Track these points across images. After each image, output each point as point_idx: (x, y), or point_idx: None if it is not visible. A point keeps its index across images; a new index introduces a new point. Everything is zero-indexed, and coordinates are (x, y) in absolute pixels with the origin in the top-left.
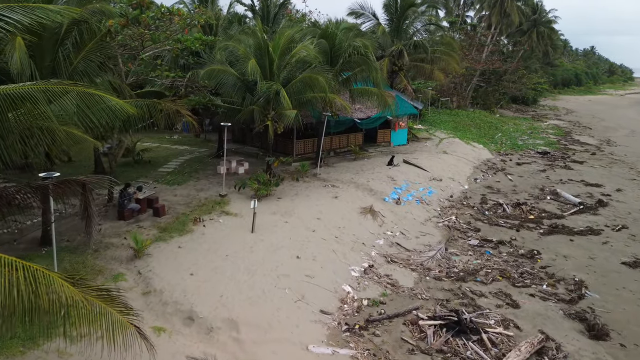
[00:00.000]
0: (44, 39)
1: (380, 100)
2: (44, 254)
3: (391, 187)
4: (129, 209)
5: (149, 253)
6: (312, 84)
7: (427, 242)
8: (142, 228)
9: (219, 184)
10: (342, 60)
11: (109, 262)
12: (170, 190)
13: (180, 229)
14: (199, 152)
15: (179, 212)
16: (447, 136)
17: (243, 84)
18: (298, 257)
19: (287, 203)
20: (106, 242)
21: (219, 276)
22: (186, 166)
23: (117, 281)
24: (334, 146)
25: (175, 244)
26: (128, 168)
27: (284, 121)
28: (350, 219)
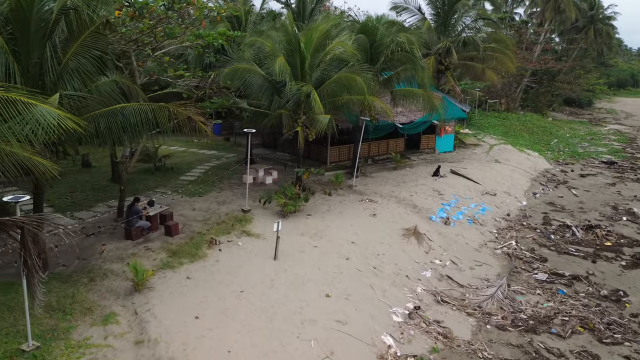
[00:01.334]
0: (31, 32)
1: (426, 102)
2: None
3: (438, 202)
4: (137, 227)
5: (152, 286)
6: (348, 85)
7: (484, 275)
8: (150, 250)
9: (242, 196)
10: (384, 58)
11: (103, 295)
12: (189, 203)
13: (193, 254)
14: (227, 158)
15: (194, 230)
16: (497, 142)
17: (271, 85)
18: (328, 296)
19: (317, 221)
20: (105, 268)
21: (230, 321)
22: (210, 174)
23: (108, 323)
24: (373, 153)
25: (184, 273)
26: (147, 176)
27: (316, 127)
28: (391, 243)
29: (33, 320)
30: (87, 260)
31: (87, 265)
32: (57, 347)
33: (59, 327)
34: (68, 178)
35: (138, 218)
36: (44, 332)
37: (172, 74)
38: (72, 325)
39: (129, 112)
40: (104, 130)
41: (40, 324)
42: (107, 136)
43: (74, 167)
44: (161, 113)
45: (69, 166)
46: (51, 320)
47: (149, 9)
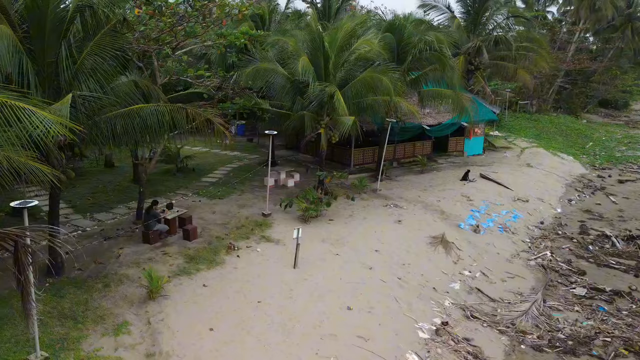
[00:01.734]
0: (47, 31)
1: (455, 103)
2: (48, 287)
3: (467, 208)
4: (155, 231)
5: (166, 294)
6: (374, 85)
7: (517, 289)
8: (167, 255)
9: (263, 199)
10: (411, 58)
11: (117, 303)
12: (209, 206)
13: (210, 259)
14: (249, 160)
15: (213, 235)
16: (529, 145)
17: (293, 86)
18: (349, 309)
19: (339, 227)
20: (121, 273)
21: (245, 335)
22: (232, 176)
23: (119, 334)
24: (398, 156)
25: (201, 280)
26: (169, 177)
27: (340, 129)
28: (417, 252)
29: (44, 329)
30: (104, 264)
31: (102, 270)
32: (66, 359)
33: (69, 337)
34: (90, 178)
35: (156, 221)
36: (53, 342)
37: (192, 74)
38: (82, 334)
39: (146, 114)
40: (121, 132)
41: (51, 333)
42: (123, 138)
43: (97, 167)
44: (179, 115)
45: (92, 166)
46: (62, 328)
47: (168, 6)
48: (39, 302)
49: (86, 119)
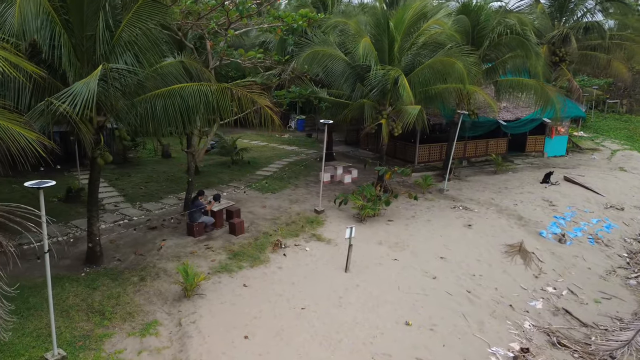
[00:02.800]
0: (85, 1)
1: (539, 95)
2: (84, 276)
3: (549, 215)
4: (200, 223)
5: (203, 292)
6: (444, 71)
7: (615, 312)
8: (210, 250)
9: (317, 196)
10: (488, 42)
11: (150, 299)
12: (260, 200)
13: (255, 257)
14: (307, 154)
15: (260, 230)
16: (620, 148)
17: (353, 72)
18: (408, 324)
19: (399, 229)
20: (159, 267)
21: (284, 346)
22: (287, 170)
23: (146, 334)
24: (469, 154)
25: (242, 279)
26: (223, 169)
27: (403, 120)
28: (490, 262)
29: (69, 323)
30: (144, 256)
31: (141, 262)
32: (84, 359)
33: (93, 334)
34: (146, 168)
35: (201, 213)
36: (75, 339)
37: (242, 53)
38: (107, 332)
39: (188, 94)
40: (161, 113)
41: (75, 328)
42: (163, 120)
43: (155, 157)
44: (224, 95)
45: (150, 156)
46: (88, 323)
47: None
48: (70, 293)
49: (121, 96)
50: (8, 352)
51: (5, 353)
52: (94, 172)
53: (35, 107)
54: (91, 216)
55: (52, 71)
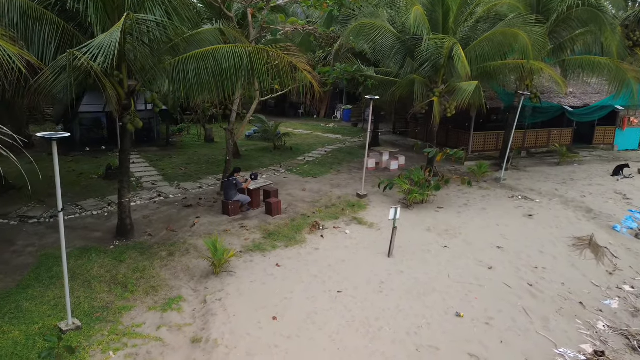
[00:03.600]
0: None
1: (614, 76)
2: (112, 249)
3: (623, 208)
4: (236, 202)
5: (232, 269)
6: (505, 43)
7: None
8: (244, 229)
9: (361, 181)
10: (556, 16)
11: (176, 274)
12: (300, 183)
13: (290, 237)
14: (351, 142)
15: (298, 212)
16: None
17: (403, 47)
18: (459, 316)
19: (450, 216)
20: (190, 243)
21: (316, 331)
22: (330, 156)
23: (168, 309)
24: (529, 144)
25: (275, 258)
26: (264, 154)
27: (458, 98)
28: (554, 254)
29: (89, 294)
30: (175, 232)
31: (172, 238)
32: (99, 332)
33: (112, 306)
34: (188, 151)
35: (237, 192)
36: (93, 310)
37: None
38: (127, 305)
39: (222, 56)
40: (193, 76)
41: (95, 299)
42: (195, 84)
43: (198, 141)
44: (259, 57)
45: (193, 141)
46: (109, 295)
47: None
48: (95, 264)
49: (149, 54)
50: (23, 320)
51: (20, 320)
52: (125, 140)
53: (57, 60)
54: (122, 187)
55: (80, 27)
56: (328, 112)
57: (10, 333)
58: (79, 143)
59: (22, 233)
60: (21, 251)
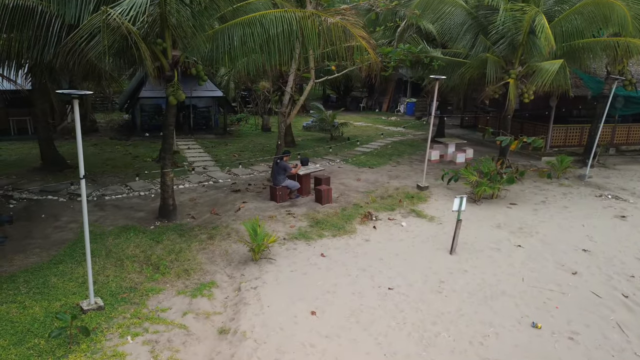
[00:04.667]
0: None
1: None
2: (152, 229)
3: None
4: (284, 187)
5: (272, 257)
6: (598, 16)
7: None
8: (291, 216)
9: (422, 173)
10: None
11: (213, 259)
12: (355, 173)
13: (339, 226)
14: (414, 135)
15: (350, 201)
16: None
17: (475, 23)
18: (536, 327)
19: (525, 213)
20: (232, 227)
21: (359, 331)
22: (390, 148)
23: (198, 295)
24: (618, 141)
25: (320, 247)
26: (321, 143)
27: (538, 80)
28: None
29: (119, 273)
30: (219, 215)
31: (215, 221)
32: (122, 314)
33: (140, 287)
34: (244, 139)
35: (285, 177)
36: (121, 290)
37: None
38: (156, 287)
39: (269, 21)
40: (239, 44)
41: (124, 279)
42: (241, 53)
43: (255, 131)
44: (309, 23)
45: (251, 130)
46: (139, 275)
47: None
48: (130, 243)
49: (190, 16)
50: (47, 295)
51: (44, 295)
52: (169, 115)
53: (90, 18)
54: (164, 165)
55: None
56: (391, 105)
57: (30, 309)
58: (139, 129)
59: (68, 210)
60: (63, 227)
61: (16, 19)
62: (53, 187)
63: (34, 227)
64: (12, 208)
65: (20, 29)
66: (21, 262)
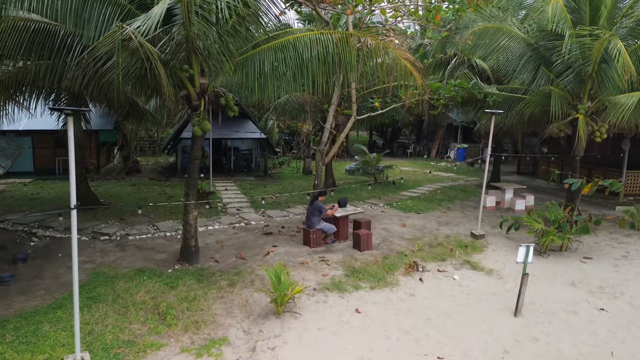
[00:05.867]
0: None
1: None
2: (170, 272)
3: None
4: (318, 231)
5: (298, 311)
6: None
7: None
8: (324, 263)
9: (476, 220)
10: None
11: (230, 310)
12: (400, 218)
13: (379, 277)
14: (466, 181)
15: (394, 249)
16: None
17: (535, 54)
18: None
19: (603, 270)
20: (258, 273)
21: None
22: (439, 193)
23: (203, 354)
24: None
25: (355, 302)
26: (364, 187)
27: (612, 117)
28: None
29: (120, 323)
30: (245, 260)
31: (240, 266)
32: None
33: (139, 341)
34: (284, 181)
35: (320, 218)
36: (115, 344)
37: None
38: (157, 342)
39: (303, 45)
40: (269, 70)
41: (123, 330)
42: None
43: (296, 174)
44: (347, 45)
45: (292, 173)
46: (141, 327)
47: None
48: (142, 288)
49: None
50: (33, 346)
51: (29, 346)
52: (195, 148)
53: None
54: (187, 202)
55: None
56: (440, 151)
57: None
58: (179, 170)
59: (88, 249)
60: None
61: (36, 42)
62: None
63: (48, 266)
64: (32, 246)
65: (40, 53)
66: (20, 305)
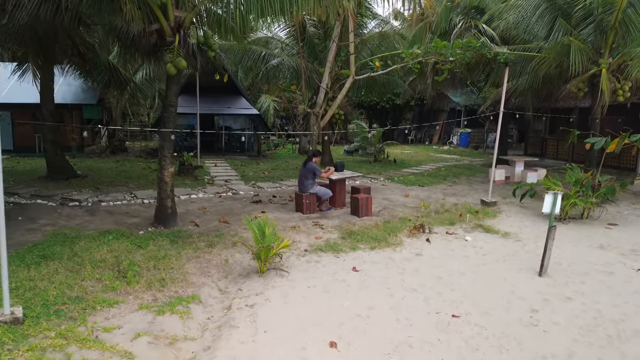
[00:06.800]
0: None
1: None
2: (141, 234)
3: None
4: (311, 195)
5: (285, 269)
6: None
7: None
8: (318, 227)
9: (485, 192)
10: None
11: (206, 269)
12: (402, 190)
13: (379, 239)
14: (471, 161)
15: (396, 215)
16: None
17: (551, 6)
18: None
19: (632, 234)
20: (241, 235)
21: None
22: (444, 170)
23: (166, 312)
24: None
25: (352, 261)
26: (363, 164)
27: (637, 72)
28: None
29: (69, 279)
30: (228, 224)
31: (222, 229)
32: (44, 331)
33: (89, 297)
34: (278, 160)
35: (314, 181)
36: (59, 300)
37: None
38: (110, 299)
39: None
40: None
41: (72, 287)
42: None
43: (292, 154)
44: None
45: (288, 153)
46: (96, 284)
47: None
48: (105, 247)
49: None
50: None
51: None
52: (170, 93)
53: None
54: (162, 156)
55: None
56: (442, 137)
57: None
58: None
59: (54, 214)
60: (36, 229)
61: None
62: (44, 191)
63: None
64: None
65: None
66: None
